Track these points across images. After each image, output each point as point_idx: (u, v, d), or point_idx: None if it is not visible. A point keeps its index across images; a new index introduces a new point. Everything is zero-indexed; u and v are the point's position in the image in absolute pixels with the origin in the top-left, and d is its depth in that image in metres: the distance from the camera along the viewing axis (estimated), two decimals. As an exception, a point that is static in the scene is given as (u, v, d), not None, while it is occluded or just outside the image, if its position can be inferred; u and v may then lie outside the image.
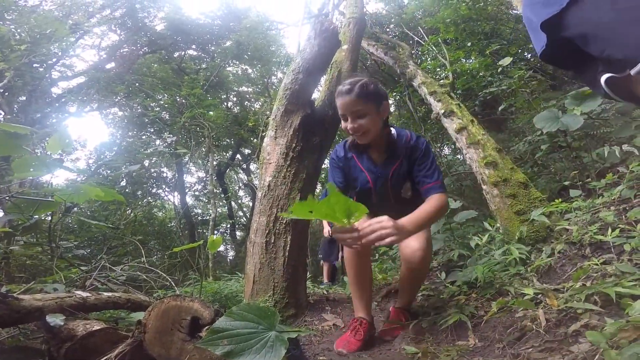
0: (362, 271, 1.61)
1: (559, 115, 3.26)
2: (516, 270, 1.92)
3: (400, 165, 1.59)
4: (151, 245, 7.17)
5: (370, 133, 1.49)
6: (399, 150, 1.59)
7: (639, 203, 2.16)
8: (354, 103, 1.44)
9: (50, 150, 1.72)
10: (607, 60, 0.74)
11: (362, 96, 1.44)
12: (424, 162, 1.54)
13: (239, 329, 1.07)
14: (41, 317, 1.50)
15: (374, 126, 1.48)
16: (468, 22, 6.55)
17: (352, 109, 1.45)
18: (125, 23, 9.63)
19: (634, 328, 0.89)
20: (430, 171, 1.53)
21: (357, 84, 1.46)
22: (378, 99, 1.49)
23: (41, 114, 7.34)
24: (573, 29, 0.72)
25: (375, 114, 1.48)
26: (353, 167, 1.66)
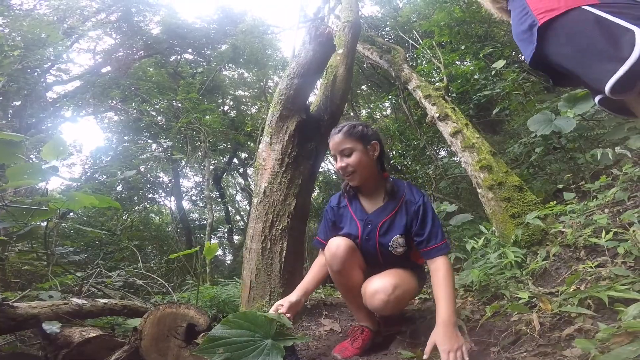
0: (353, 286, 1.52)
1: (552, 117, 3.28)
2: (512, 274, 1.93)
3: (393, 217, 1.48)
4: (148, 250, 7.13)
5: (359, 173, 1.46)
6: (394, 200, 1.51)
7: (632, 205, 2.19)
8: (341, 141, 1.46)
9: (45, 157, 1.71)
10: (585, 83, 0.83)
11: (349, 135, 1.46)
12: (426, 219, 1.44)
13: (235, 337, 1.07)
14: (37, 325, 1.50)
15: (361, 165, 1.45)
16: (462, 25, 6.60)
17: (340, 148, 1.46)
18: (120, 27, 9.60)
19: (626, 333, 0.90)
20: (436, 229, 1.42)
21: (346, 125, 1.50)
22: (366, 138, 1.48)
23: (36, 118, 7.30)
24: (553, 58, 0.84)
25: (363, 152, 1.46)
26: (344, 215, 1.59)
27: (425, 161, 6.43)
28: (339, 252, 1.46)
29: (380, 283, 1.39)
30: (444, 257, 1.38)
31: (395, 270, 1.48)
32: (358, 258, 1.52)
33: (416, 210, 1.46)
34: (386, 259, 1.52)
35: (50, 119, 8.13)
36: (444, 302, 1.27)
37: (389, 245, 1.48)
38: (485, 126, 7.17)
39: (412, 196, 1.50)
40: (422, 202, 1.47)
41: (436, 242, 1.40)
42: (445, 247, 1.41)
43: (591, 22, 0.74)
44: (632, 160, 2.91)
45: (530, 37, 0.88)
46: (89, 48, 9.67)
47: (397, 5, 9.46)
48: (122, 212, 6.55)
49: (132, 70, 9.34)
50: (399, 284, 1.39)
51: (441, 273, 1.34)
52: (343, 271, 1.48)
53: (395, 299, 1.36)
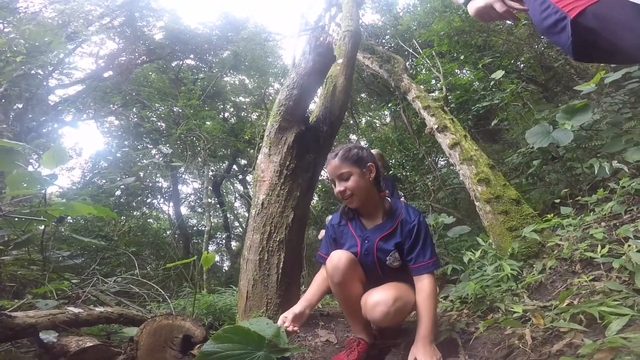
0: (352, 298, 1.55)
1: (550, 129, 3.30)
2: (508, 286, 1.93)
3: (390, 235, 1.53)
4: (145, 254, 7.11)
5: (356, 195, 1.50)
6: (392, 219, 1.56)
7: (629, 219, 2.20)
8: (338, 166, 1.50)
9: (45, 165, 1.72)
10: None
11: (345, 159, 1.50)
12: (418, 238, 1.49)
13: (228, 351, 1.07)
14: (35, 333, 1.51)
15: (359, 188, 1.50)
16: (461, 34, 6.66)
17: (337, 172, 1.50)
18: (124, 32, 9.67)
19: (609, 349, 0.91)
20: (425, 248, 1.48)
21: (343, 148, 1.54)
22: (361, 162, 1.52)
23: (37, 122, 7.32)
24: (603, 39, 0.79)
25: (360, 175, 1.50)
26: (345, 233, 1.64)
27: (424, 171, 6.45)
28: (340, 264, 1.49)
29: (381, 295, 1.41)
30: (430, 276, 1.44)
31: (394, 283, 1.51)
32: (358, 271, 1.55)
33: (410, 229, 1.51)
34: (385, 272, 1.55)
35: (51, 123, 8.16)
36: (425, 319, 1.35)
37: (387, 260, 1.52)
38: (484, 135, 7.20)
39: (409, 216, 1.54)
40: (417, 221, 1.52)
41: (424, 260, 1.46)
42: (432, 265, 1.46)
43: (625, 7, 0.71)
44: (630, 173, 2.93)
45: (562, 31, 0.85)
46: (92, 52, 9.72)
47: (397, 13, 9.54)
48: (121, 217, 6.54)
49: (133, 75, 9.39)
50: (399, 297, 1.42)
51: (424, 292, 1.41)
52: (343, 283, 1.51)
53: (395, 311, 1.39)
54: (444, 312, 2.12)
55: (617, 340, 0.92)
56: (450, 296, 2.24)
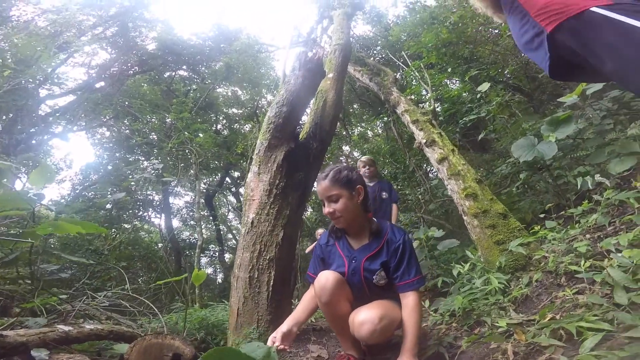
0: (340, 317, 1.57)
1: (535, 142, 3.38)
2: (495, 300, 1.96)
3: (377, 254, 1.58)
4: (137, 267, 6.99)
5: (344, 217, 1.56)
6: (378, 239, 1.61)
7: (612, 231, 2.26)
8: (328, 188, 1.55)
9: (32, 183, 1.72)
10: None
11: (335, 181, 1.55)
12: (403, 257, 1.54)
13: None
14: (26, 352, 1.51)
15: (347, 210, 1.55)
16: (449, 46, 6.79)
17: (327, 194, 1.55)
18: (116, 42, 9.66)
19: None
20: (410, 267, 1.53)
21: (332, 170, 1.59)
22: (351, 184, 1.57)
23: (26, 134, 7.24)
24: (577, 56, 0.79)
25: (348, 197, 1.55)
26: (333, 252, 1.68)
27: (415, 183, 6.51)
28: (328, 284, 1.52)
29: (368, 314, 1.44)
30: (414, 293, 1.49)
31: (380, 301, 1.54)
32: (346, 290, 1.58)
33: (396, 248, 1.56)
34: (372, 290, 1.59)
35: (40, 135, 8.07)
36: (409, 334, 1.40)
37: (374, 279, 1.56)
38: (474, 145, 7.30)
39: (394, 235, 1.60)
40: (401, 241, 1.57)
41: (409, 277, 1.51)
42: (417, 283, 1.51)
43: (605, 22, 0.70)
44: (615, 183, 3.00)
45: (539, 46, 0.84)
46: (84, 62, 9.67)
47: (387, 24, 9.71)
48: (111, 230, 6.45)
49: (125, 86, 9.36)
50: (385, 315, 1.44)
51: (409, 308, 1.46)
52: (331, 303, 1.53)
53: (381, 329, 1.41)
54: (433, 325, 2.14)
55: (589, 358, 0.95)
56: (440, 309, 2.26)
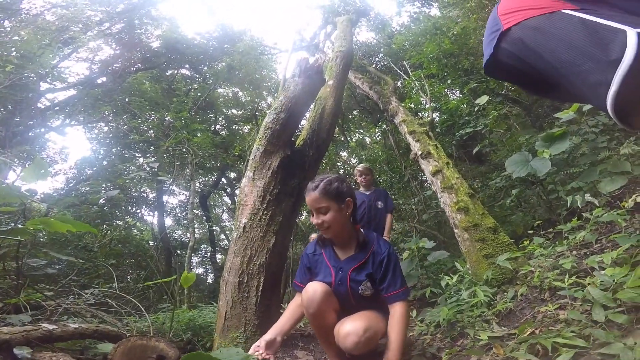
0: (327, 328, 1.59)
1: (529, 158, 3.41)
2: (480, 312, 1.99)
3: (363, 266, 1.60)
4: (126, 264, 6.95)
5: (332, 228, 1.58)
6: (364, 251, 1.64)
7: (599, 248, 2.30)
8: (317, 199, 1.56)
9: (25, 180, 1.73)
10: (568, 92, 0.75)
11: (325, 193, 1.56)
12: (388, 269, 1.57)
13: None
14: (9, 349, 1.50)
15: (336, 222, 1.57)
16: (450, 57, 6.85)
17: (316, 205, 1.57)
18: (121, 38, 9.68)
19: None
20: (395, 278, 1.56)
21: (323, 180, 1.59)
22: (341, 197, 1.59)
23: (24, 126, 7.21)
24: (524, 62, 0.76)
25: (337, 210, 1.57)
26: (319, 262, 1.70)
27: (409, 193, 6.53)
28: (315, 296, 1.54)
29: (352, 326, 1.46)
30: (401, 303, 1.52)
31: (365, 312, 1.57)
32: (333, 302, 1.60)
33: (381, 260, 1.59)
34: (357, 300, 1.61)
35: (37, 128, 8.04)
36: (393, 343, 1.42)
37: (359, 289, 1.58)
38: (470, 156, 7.35)
39: (379, 248, 1.63)
40: (386, 253, 1.60)
41: (395, 289, 1.54)
42: (402, 294, 1.54)
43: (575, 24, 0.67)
44: (605, 201, 3.04)
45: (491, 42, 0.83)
46: (87, 57, 9.67)
47: (391, 32, 9.78)
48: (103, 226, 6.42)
49: (126, 84, 9.36)
50: (369, 327, 1.47)
51: (395, 318, 1.49)
52: (318, 314, 1.55)
53: (365, 340, 1.43)
54: (419, 335, 2.15)
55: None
56: (426, 319, 2.28)
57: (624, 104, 0.59)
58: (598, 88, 0.61)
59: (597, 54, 0.61)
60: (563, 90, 0.78)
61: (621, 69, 0.57)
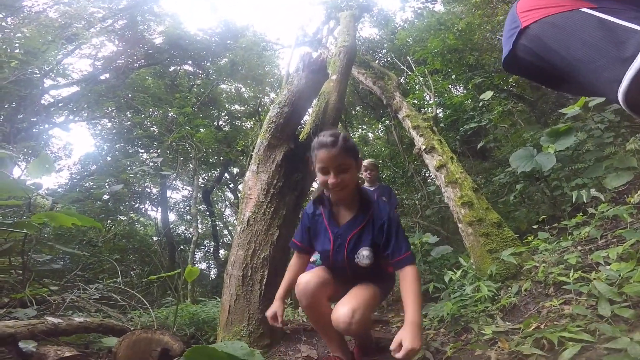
0: (323, 318, 1.57)
1: (534, 153, 3.39)
2: (484, 307, 1.98)
3: (361, 232, 1.54)
4: (130, 260, 6.99)
5: (349, 188, 1.50)
6: (364, 214, 1.56)
7: (604, 244, 2.28)
8: (338, 156, 1.42)
9: (31, 174, 1.74)
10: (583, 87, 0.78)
11: (346, 150, 1.44)
12: (390, 234, 1.49)
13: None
14: (14, 343, 1.51)
15: (353, 181, 1.49)
16: (454, 53, 6.80)
17: (337, 163, 1.43)
18: (124, 35, 9.68)
19: None
20: (399, 243, 1.48)
21: (340, 136, 1.45)
22: (357, 154, 1.51)
23: (28, 122, 7.26)
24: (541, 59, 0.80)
25: (355, 167, 1.50)
26: (319, 224, 1.63)
27: (413, 188, 6.52)
28: (308, 289, 1.51)
29: (342, 311, 1.43)
30: (411, 266, 1.44)
31: (357, 291, 1.53)
32: (327, 291, 1.57)
33: (381, 225, 1.50)
34: (354, 270, 1.57)
35: (42, 124, 8.08)
36: (412, 306, 1.33)
37: (357, 259, 1.52)
38: (474, 152, 7.31)
39: (379, 212, 1.54)
40: (386, 218, 1.51)
41: (400, 254, 1.46)
42: (409, 258, 1.46)
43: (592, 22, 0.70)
44: (610, 197, 3.02)
45: (509, 38, 0.85)
46: (90, 54, 9.70)
47: (394, 28, 9.71)
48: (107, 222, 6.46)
49: (129, 80, 9.38)
50: (358, 307, 1.43)
51: (408, 281, 1.40)
52: (312, 306, 1.54)
53: (357, 322, 1.40)
54: (422, 329, 2.15)
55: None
56: (429, 314, 2.28)
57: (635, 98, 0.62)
58: (611, 84, 0.64)
59: (612, 52, 0.65)
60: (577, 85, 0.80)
61: (634, 66, 0.60)
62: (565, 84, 0.87)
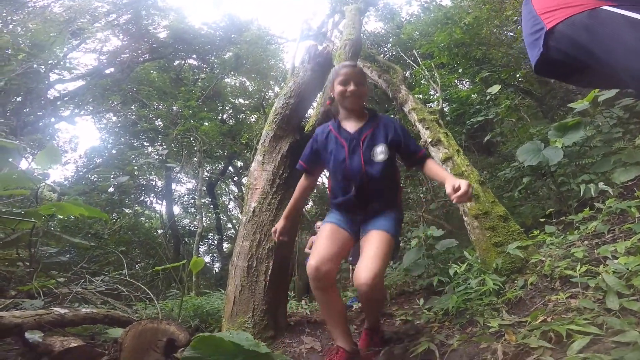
0: (332, 304, 1.60)
1: (541, 147, 3.35)
2: (489, 300, 1.97)
3: (374, 132, 1.73)
4: (135, 253, 7.06)
5: (362, 100, 1.78)
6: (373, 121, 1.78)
7: (611, 238, 2.25)
8: (358, 72, 1.75)
9: (38, 164, 1.75)
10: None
11: (361, 70, 1.80)
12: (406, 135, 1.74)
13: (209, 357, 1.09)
14: (20, 333, 1.52)
15: (365, 95, 1.78)
16: (461, 47, 6.72)
17: (357, 77, 1.73)
18: (128, 29, 9.69)
19: None
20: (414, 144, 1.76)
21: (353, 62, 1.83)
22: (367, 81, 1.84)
23: (34, 116, 7.31)
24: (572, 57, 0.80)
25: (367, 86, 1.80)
26: (330, 140, 1.77)
27: (417, 182, 6.48)
28: (319, 274, 1.52)
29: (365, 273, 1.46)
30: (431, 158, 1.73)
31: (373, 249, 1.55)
32: (337, 267, 1.63)
33: (394, 127, 1.75)
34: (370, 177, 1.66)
35: (48, 118, 8.14)
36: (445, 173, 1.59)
37: (372, 155, 1.68)
38: (480, 147, 7.26)
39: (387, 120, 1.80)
40: (396, 124, 1.78)
41: (418, 151, 1.73)
42: (426, 153, 1.75)
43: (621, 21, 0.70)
44: (617, 192, 2.98)
45: (536, 41, 0.86)
46: (95, 48, 9.73)
47: (400, 22, 9.62)
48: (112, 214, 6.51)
49: (134, 74, 9.40)
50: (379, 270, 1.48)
51: (434, 165, 1.69)
52: (322, 289, 1.56)
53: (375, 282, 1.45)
54: (426, 322, 2.15)
55: (576, 359, 0.96)
56: (434, 308, 2.27)
57: None
58: None
59: None
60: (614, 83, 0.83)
61: None
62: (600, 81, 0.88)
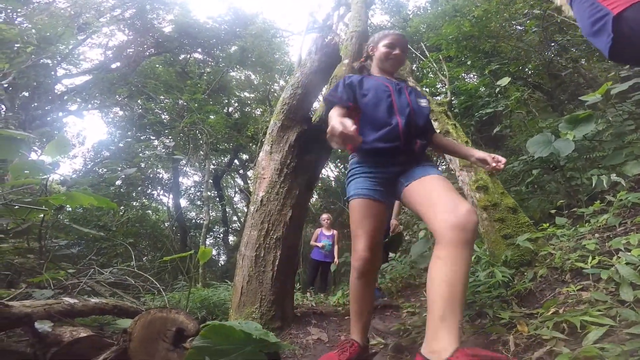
0: (367, 297, 1.61)
1: (552, 139, 3.29)
2: (498, 293, 1.95)
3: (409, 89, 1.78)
4: (142, 245, 7.14)
5: (401, 66, 1.86)
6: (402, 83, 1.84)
7: (622, 232, 2.21)
8: (405, 42, 1.83)
9: (48, 154, 1.76)
10: None
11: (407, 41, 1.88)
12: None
13: (219, 346, 1.10)
14: (30, 323, 1.52)
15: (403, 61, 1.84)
16: (470, 39, 6.63)
17: (403, 45, 1.81)
18: (134, 24, 9.70)
19: (584, 358, 0.93)
20: None
21: None
22: None
23: (42, 110, 7.38)
24: None
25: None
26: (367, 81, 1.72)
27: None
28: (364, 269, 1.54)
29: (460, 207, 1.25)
30: None
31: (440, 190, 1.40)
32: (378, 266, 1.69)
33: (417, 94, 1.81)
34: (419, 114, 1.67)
35: (56, 112, 8.22)
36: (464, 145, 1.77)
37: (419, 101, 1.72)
38: (488, 141, 7.18)
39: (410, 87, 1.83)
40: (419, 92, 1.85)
41: None
42: None
43: None
44: (629, 186, 2.93)
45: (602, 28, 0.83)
46: (101, 43, 9.76)
47: (406, 15, 9.51)
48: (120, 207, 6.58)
49: (140, 68, 9.43)
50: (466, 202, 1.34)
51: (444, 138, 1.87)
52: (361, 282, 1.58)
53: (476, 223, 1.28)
54: (434, 315, 2.14)
55: (593, 350, 0.95)
56: (442, 300, 2.25)
57: None
58: None
59: None
60: None
61: None
62: None
